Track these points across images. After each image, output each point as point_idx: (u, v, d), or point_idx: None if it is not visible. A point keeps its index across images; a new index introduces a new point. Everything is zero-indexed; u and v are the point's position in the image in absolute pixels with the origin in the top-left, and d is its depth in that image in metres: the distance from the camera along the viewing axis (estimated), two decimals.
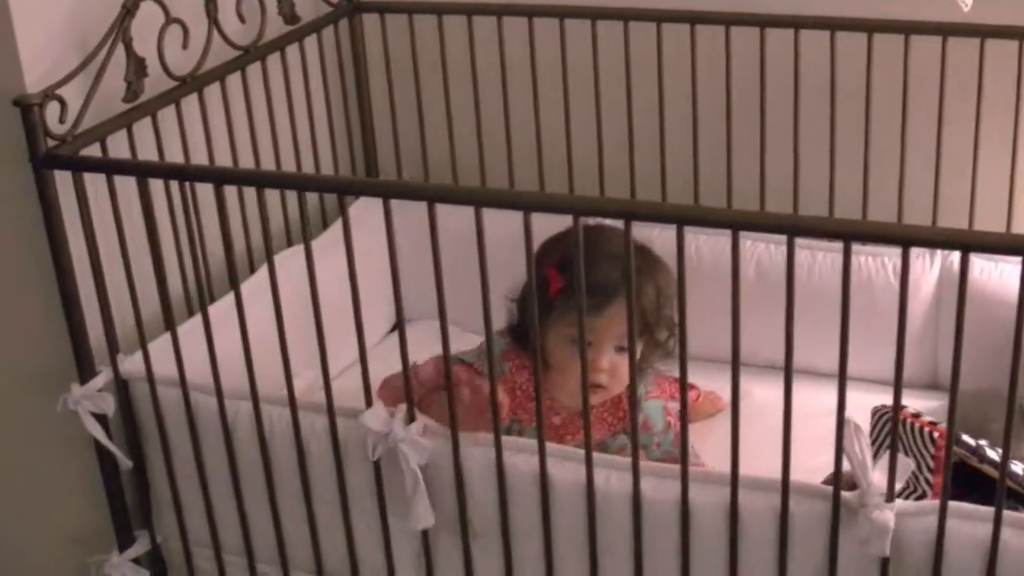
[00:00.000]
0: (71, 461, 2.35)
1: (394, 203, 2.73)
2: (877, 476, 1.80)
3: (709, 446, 2.25)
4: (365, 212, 2.59)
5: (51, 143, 2.07)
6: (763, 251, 2.59)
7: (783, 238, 1.74)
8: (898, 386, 1.74)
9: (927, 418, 2.17)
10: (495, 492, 1.99)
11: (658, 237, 2.19)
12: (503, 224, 1.93)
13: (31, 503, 2.47)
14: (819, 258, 2.56)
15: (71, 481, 2.39)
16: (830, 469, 2.17)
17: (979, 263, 2.48)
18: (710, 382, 2.46)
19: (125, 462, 2.24)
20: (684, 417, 1.86)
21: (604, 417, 2.27)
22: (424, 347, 2.20)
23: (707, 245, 2.61)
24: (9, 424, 2.40)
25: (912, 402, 2.27)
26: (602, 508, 1.94)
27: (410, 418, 1.99)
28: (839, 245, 2.48)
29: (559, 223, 1.91)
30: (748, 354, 2.47)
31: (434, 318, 1.92)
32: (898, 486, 1.80)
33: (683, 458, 1.87)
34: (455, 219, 1.95)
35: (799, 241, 2.51)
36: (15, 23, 2.05)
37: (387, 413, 1.99)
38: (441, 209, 1.84)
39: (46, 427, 2.33)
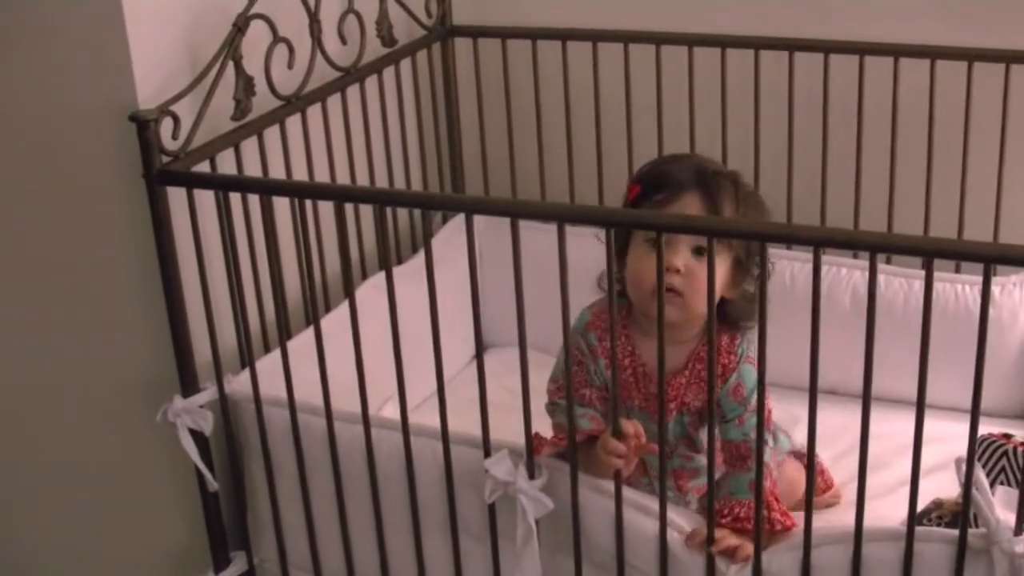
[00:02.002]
0: (170, 479, 2.35)
1: (487, 226, 2.77)
2: (1003, 512, 1.78)
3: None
4: (458, 234, 2.58)
5: (164, 159, 2.07)
6: (859, 278, 2.56)
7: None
8: None
9: None
10: (611, 538, 1.96)
11: None
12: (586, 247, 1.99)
13: (129, 518, 2.47)
14: (916, 287, 2.52)
15: (169, 498, 2.38)
16: (931, 496, 2.16)
17: None
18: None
19: (212, 483, 2.23)
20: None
21: (702, 377, 2.06)
22: (510, 373, 2.19)
23: (802, 272, 2.58)
24: (113, 438, 2.39)
25: (1015, 432, 2.26)
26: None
27: (531, 473, 1.97)
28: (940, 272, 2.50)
29: None
30: (846, 384, 2.48)
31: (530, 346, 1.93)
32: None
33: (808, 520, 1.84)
34: (538, 242, 1.99)
35: (893, 268, 2.53)
36: (130, 40, 2.06)
37: (512, 463, 1.96)
38: (527, 232, 1.85)
39: (148, 443, 2.32)
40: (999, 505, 1.79)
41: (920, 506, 2.07)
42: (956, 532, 1.78)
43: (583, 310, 2.10)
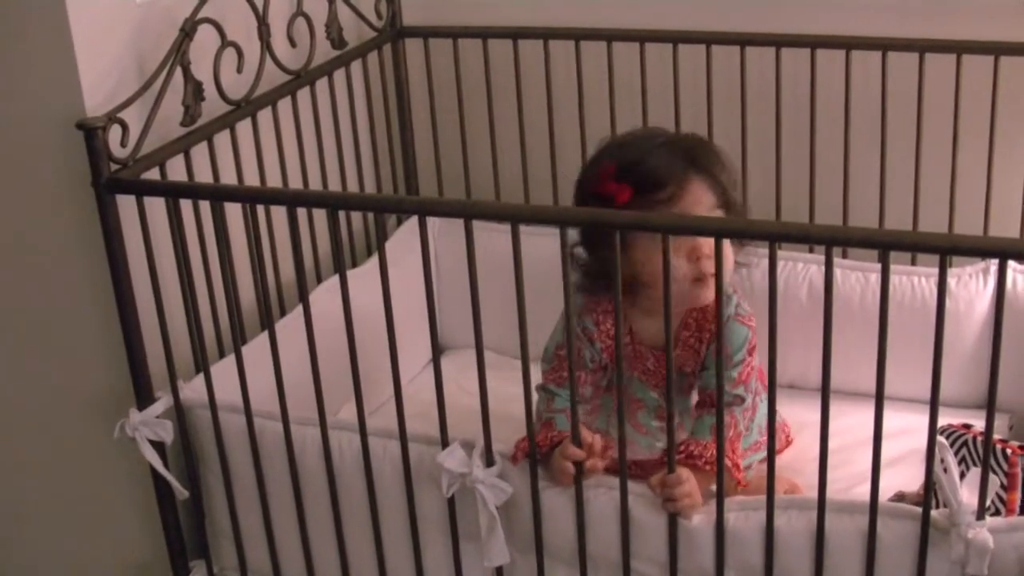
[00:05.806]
0: (127, 489, 2.33)
1: (441, 228, 2.76)
2: (967, 495, 1.78)
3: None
4: (412, 236, 2.57)
5: (113, 167, 2.05)
6: (815, 273, 2.54)
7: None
8: (991, 407, 1.72)
9: (996, 435, 2.16)
10: (572, 522, 1.96)
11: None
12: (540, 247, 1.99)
13: (87, 531, 2.44)
14: (872, 280, 2.52)
15: (127, 510, 2.36)
16: (894, 490, 2.17)
17: None
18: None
19: (181, 492, 2.21)
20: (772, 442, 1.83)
21: (690, 344, 2.10)
22: (467, 375, 2.17)
23: (759, 267, 2.55)
24: (67, 451, 2.37)
25: (973, 422, 2.26)
26: (683, 539, 1.91)
27: (489, 460, 1.96)
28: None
29: None
30: (804, 379, 2.49)
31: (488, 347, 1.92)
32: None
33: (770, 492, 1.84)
34: (494, 243, 1.96)
35: (849, 263, 2.53)
36: (76, 47, 2.03)
37: (464, 453, 1.95)
38: (481, 233, 1.86)
39: (103, 454, 2.30)
40: (965, 490, 1.80)
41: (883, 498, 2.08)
42: (919, 509, 1.79)
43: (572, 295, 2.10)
